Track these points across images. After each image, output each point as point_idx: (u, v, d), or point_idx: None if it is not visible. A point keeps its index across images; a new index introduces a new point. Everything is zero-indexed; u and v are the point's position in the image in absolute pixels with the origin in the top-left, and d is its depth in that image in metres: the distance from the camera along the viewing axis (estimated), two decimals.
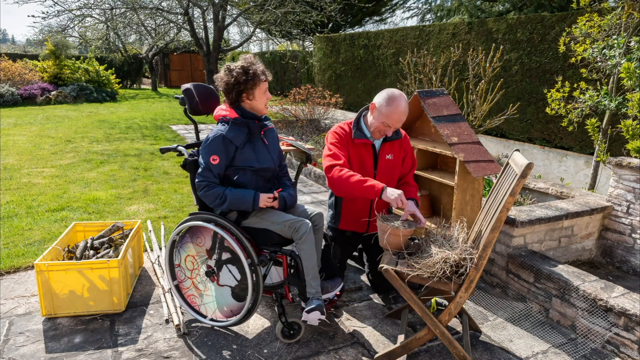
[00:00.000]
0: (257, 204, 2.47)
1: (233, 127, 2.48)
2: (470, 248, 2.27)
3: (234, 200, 2.44)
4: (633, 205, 3.35)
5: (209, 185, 2.45)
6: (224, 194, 2.44)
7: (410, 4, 24.47)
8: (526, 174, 2.02)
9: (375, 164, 2.82)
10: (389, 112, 2.59)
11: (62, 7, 12.88)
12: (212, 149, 2.44)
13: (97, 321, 2.74)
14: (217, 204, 2.46)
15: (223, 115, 2.54)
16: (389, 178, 2.86)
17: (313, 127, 9.24)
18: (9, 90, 13.87)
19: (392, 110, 2.58)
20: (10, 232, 3.98)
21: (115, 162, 6.80)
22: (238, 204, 2.46)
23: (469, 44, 7.86)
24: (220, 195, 2.44)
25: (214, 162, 2.44)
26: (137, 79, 23.96)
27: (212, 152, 2.44)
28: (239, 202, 2.45)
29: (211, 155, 2.44)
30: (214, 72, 14.02)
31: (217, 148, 2.44)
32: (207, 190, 2.45)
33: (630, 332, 2.42)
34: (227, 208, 2.48)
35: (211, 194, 2.45)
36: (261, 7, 13.32)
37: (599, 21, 4.41)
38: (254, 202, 2.46)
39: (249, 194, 2.47)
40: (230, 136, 2.45)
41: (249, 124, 2.51)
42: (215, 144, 2.44)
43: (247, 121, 2.51)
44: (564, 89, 4.61)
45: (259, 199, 2.48)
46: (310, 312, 2.41)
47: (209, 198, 2.46)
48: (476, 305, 3.02)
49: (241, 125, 2.49)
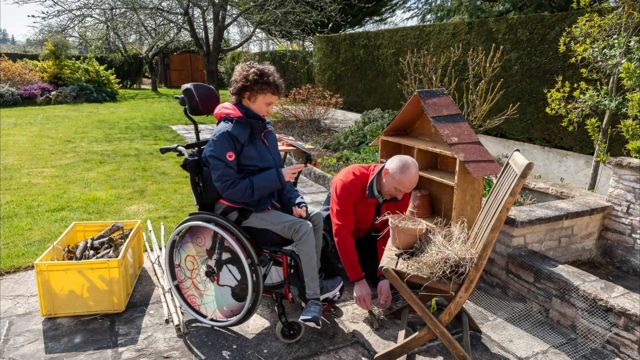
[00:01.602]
0: (282, 179, 2.50)
1: (237, 125, 2.49)
2: (470, 248, 2.27)
3: (263, 184, 2.46)
4: (633, 205, 3.35)
5: (234, 182, 2.44)
6: (250, 184, 2.44)
7: (410, 4, 24.52)
8: (526, 174, 2.02)
9: (375, 217, 3.07)
10: (402, 180, 2.76)
11: (62, 7, 12.89)
12: (225, 147, 2.43)
13: (97, 321, 2.74)
14: (246, 195, 2.45)
15: (226, 114, 2.54)
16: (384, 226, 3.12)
17: (313, 127, 9.25)
18: (9, 90, 13.87)
19: (404, 178, 2.76)
20: (10, 232, 3.98)
21: (115, 162, 6.80)
22: (267, 186, 2.48)
23: (469, 44, 7.86)
24: (249, 186, 2.44)
25: (230, 159, 2.44)
26: (137, 79, 23.96)
27: (226, 149, 2.43)
28: (267, 183, 2.47)
29: (226, 152, 2.43)
30: (214, 72, 14.03)
31: (228, 145, 2.44)
32: (233, 187, 2.43)
33: (630, 332, 2.42)
34: (258, 196, 2.48)
35: (239, 189, 2.43)
36: (261, 7, 13.33)
37: (599, 21, 4.41)
38: (279, 179, 2.49)
39: (271, 173, 2.49)
40: (236, 133, 2.45)
41: (252, 123, 2.52)
42: (224, 141, 2.44)
43: (251, 120, 2.51)
44: (564, 89, 4.61)
45: (282, 173, 2.51)
46: (305, 322, 2.45)
47: (238, 193, 2.44)
48: (476, 305, 3.02)
49: (244, 124, 2.50)
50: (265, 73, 2.49)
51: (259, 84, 2.47)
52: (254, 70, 2.49)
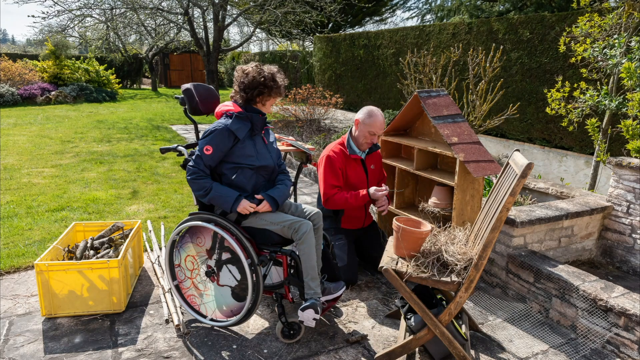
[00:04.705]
0: (235, 207, 2.46)
1: (237, 120, 2.50)
2: (470, 248, 2.27)
3: (216, 197, 2.47)
4: (633, 205, 3.35)
5: (198, 174, 2.48)
6: (209, 187, 2.47)
7: (410, 4, 24.50)
8: (526, 174, 2.02)
9: (366, 175, 3.31)
10: (372, 122, 3.12)
11: (62, 7, 12.87)
12: (209, 140, 2.47)
13: (97, 321, 2.74)
14: (200, 194, 2.49)
15: (226, 111, 2.55)
16: (376, 184, 3.36)
17: (313, 127, 9.24)
18: (9, 90, 13.87)
19: (374, 120, 3.12)
20: (10, 232, 3.98)
21: (115, 162, 6.80)
22: (219, 201, 2.47)
23: (469, 44, 7.86)
24: (206, 188, 2.47)
25: (206, 152, 2.46)
26: (137, 79, 23.94)
27: (208, 142, 2.47)
28: (220, 199, 2.47)
29: (206, 145, 2.47)
30: (214, 72, 14.02)
31: (214, 139, 2.46)
32: (194, 177, 2.48)
33: (630, 332, 2.42)
34: (208, 202, 2.51)
35: (198, 183, 2.48)
36: (261, 7, 13.31)
37: (599, 21, 4.41)
38: (233, 204, 2.46)
39: (232, 194, 2.47)
40: (234, 128, 2.47)
41: (253, 118, 2.53)
42: (214, 135, 2.46)
43: (251, 115, 2.52)
44: (564, 89, 4.60)
45: (240, 203, 2.47)
46: (304, 310, 2.42)
47: (195, 185, 2.49)
48: (476, 305, 3.02)
49: (244, 119, 2.51)
50: (276, 78, 2.54)
51: (274, 90, 2.53)
52: (268, 75, 2.51)
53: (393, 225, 2.42)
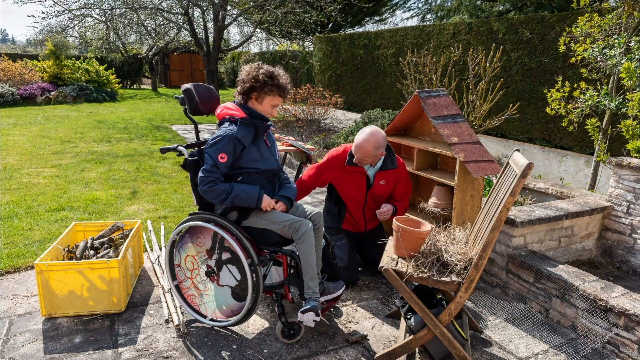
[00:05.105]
0: (260, 202, 2.48)
1: (242, 127, 2.49)
2: (470, 248, 2.27)
3: (240, 194, 2.45)
4: (633, 205, 3.35)
5: (215, 182, 2.44)
6: (230, 189, 2.44)
7: (410, 4, 24.48)
8: (526, 173, 2.02)
9: (367, 188, 3.20)
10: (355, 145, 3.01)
11: (62, 7, 12.86)
12: (222, 148, 2.44)
13: (97, 321, 2.74)
14: (221, 198, 2.45)
15: (230, 115, 2.54)
16: (377, 199, 3.27)
17: (313, 127, 9.24)
18: (9, 90, 13.87)
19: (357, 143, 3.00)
20: (10, 232, 3.98)
21: (115, 162, 6.80)
22: (243, 198, 2.46)
23: (469, 44, 7.86)
24: (227, 191, 2.44)
25: (222, 160, 2.44)
26: (137, 79, 23.93)
27: (221, 150, 2.44)
28: (245, 195, 2.45)
29: (220, 153, 2.44)
30: (214, 72, 14.02)
31: (226, 147, 2.44)
32: (212, 185, 2.43)
33: (630, 332, 2.42)
34: (230, 202, 2.47)
35: (217, 189, 2.43)
36: (261, 7, 13.31)
37: (599, 21, 4.41)
38: (257, 199, 2.47)
39: (254, 189, 2.48)
40: (240, 136, 2.46)
41: (257, 124, 2.52)
42: (225, 143, 2.44)
43: (255, 121, 2.51)
44: (564, 89, 4.60)
45: (263, 198, 2.49)
46: (305, 313, 2.42)
47: (214, 193, 2.44)
48: (476, 305, 3.02)
49: (249, 125, 2.50)
50: (275, 75, 2.52)
51: (268, 86, 2.50)
52: (264, 71, 2.50)
53: (393, 225, 2.42)
